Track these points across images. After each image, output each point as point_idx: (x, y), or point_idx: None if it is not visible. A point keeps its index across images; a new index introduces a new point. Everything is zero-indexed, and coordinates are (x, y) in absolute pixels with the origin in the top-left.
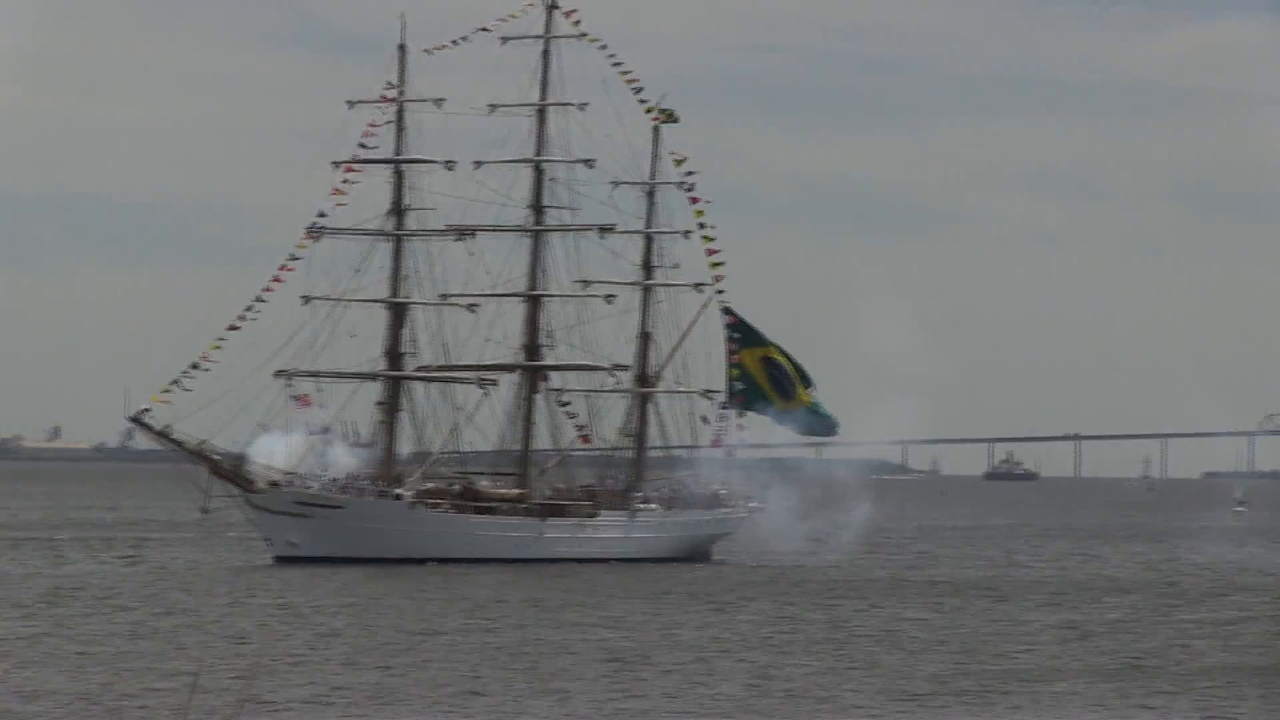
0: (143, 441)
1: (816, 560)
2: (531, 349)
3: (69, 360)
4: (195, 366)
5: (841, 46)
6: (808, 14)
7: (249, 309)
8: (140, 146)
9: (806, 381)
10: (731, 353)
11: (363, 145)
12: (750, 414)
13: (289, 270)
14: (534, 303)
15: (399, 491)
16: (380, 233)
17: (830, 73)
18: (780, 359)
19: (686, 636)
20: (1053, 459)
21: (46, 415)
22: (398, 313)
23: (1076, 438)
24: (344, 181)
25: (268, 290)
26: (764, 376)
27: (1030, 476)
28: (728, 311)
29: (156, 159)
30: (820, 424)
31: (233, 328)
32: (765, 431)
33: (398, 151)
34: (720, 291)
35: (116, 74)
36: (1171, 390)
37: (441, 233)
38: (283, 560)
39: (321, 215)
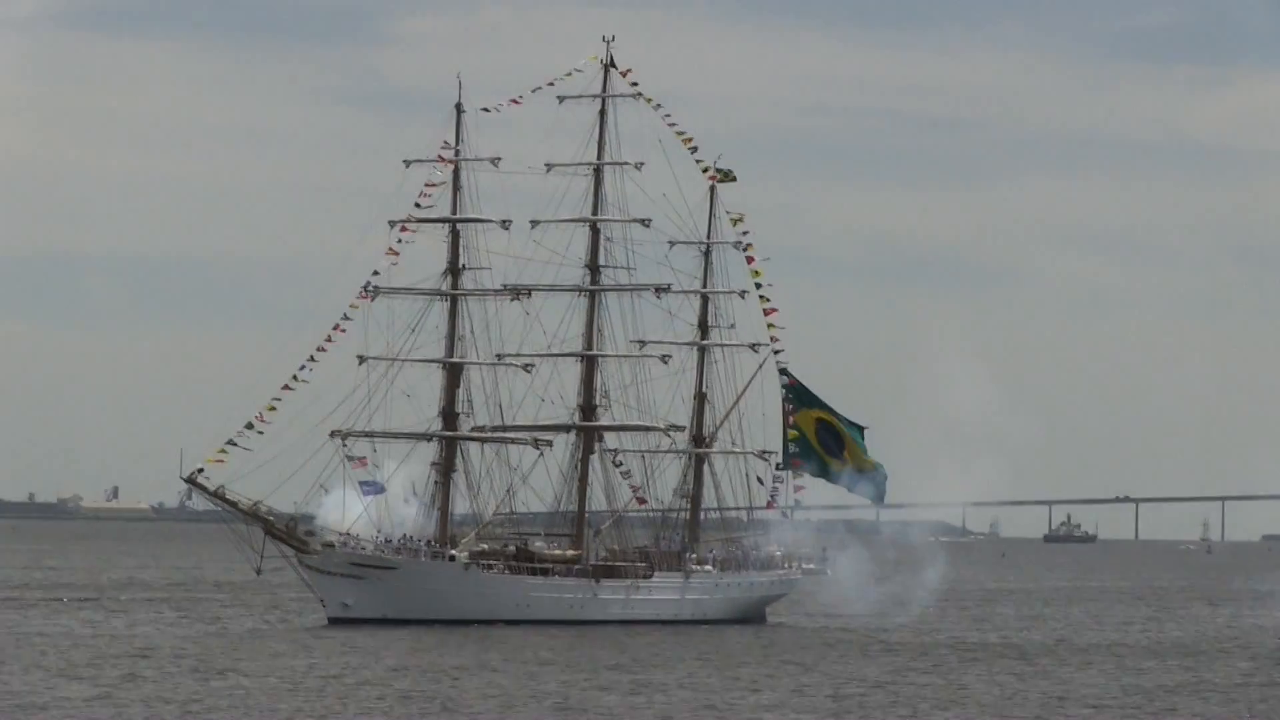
0: (200, 502)
1: (880, 622)
2: (587, 409)
3: (127, 421)
4: (250, 426)
5: (900, 105)
6: (865, 73)
7: (303, 368)
8: (197, 204)
9: (862, 445)
10: (788, 414)
11: (419, 204)
12: (809, 476)
13: (343, 330)
14: (590, 363)
15: (453, 553)
16: (436, 292)
17: (888, 132)
18: (833, 422)
19: (749, 699)
20: (1110, 521)
21: (105, 476)
22: (453, 373)
23: (1130, 500)
24: (400, 241)
25: (322, 350)
26: (818, 440)
27: (1089, 539)
28: (784, 373)
29: (213, 217)
30: (879, 487)
31: (287, 387)
32: (822, 494)
33: (454, 211)
34: (777, 352)
35: (174, 131)
36: (1230, 452)
37: (497, 292)
38: (337, 622)
39: (375, 274)
